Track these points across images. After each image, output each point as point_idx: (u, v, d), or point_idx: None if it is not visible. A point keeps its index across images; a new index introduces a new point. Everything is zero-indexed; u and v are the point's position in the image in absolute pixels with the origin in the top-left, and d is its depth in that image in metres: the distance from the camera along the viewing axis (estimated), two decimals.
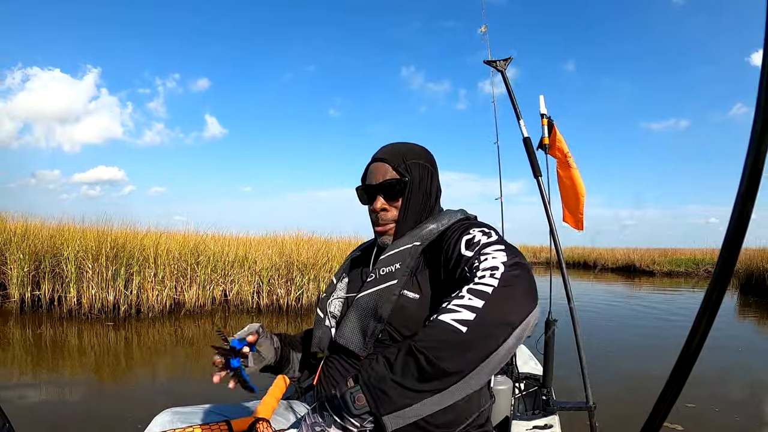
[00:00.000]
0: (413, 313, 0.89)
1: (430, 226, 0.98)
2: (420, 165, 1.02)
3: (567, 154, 2.35)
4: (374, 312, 0.91)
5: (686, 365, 0.44)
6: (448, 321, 0.64)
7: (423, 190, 1.01)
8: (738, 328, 6.59)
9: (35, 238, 6.49)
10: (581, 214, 2.38)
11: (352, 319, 0.94)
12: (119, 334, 5.24)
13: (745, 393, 3.46)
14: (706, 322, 0.39)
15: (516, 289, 0.67)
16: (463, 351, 0.62)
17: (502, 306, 0.65)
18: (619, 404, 3.06)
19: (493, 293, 0.66)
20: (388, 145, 1.05)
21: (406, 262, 0.93)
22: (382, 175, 1.00)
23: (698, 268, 17.99)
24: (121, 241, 6.49)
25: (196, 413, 0.98)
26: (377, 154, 1.03)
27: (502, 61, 2.34)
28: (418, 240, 0.96)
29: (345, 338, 0.93)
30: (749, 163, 0.32)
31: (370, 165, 1.04)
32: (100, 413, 2.84)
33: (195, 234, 8.04)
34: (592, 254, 22.33)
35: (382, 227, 1.01)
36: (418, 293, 0.90)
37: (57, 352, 4.42)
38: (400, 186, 0.99)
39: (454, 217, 1.00)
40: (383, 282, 0.93)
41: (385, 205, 1.00)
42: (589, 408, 1.81)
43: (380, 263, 0.96)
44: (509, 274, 0.70)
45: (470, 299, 0.66)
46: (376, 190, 1.01)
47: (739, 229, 0.32)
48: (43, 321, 5.69)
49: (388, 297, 0.90)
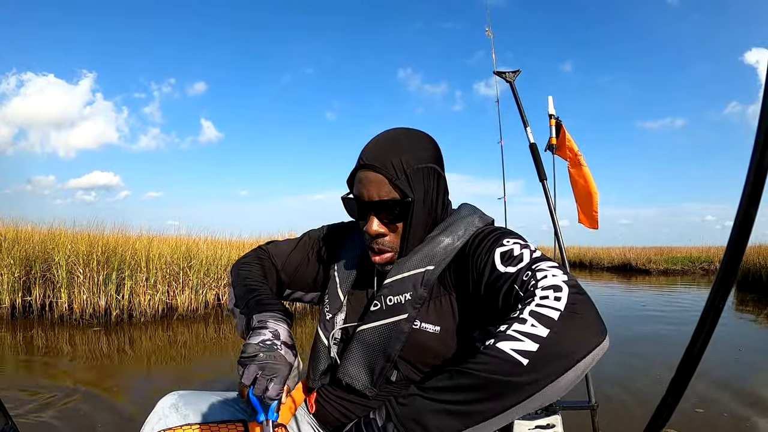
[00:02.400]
0: (434, 348, 0.78)
1: (444, 240, 0.81)
2: (426, 171, 0.81)
3: (577, 153, 2.37)
4: (382, 349, 0.79)
5: (690, 365, 0.41)
6: (508, 351, 0.55)
7: (429, 203, 0.82)
8: (739, 326, 6.59)
9: (26, 243, 6.40)
10: (595, 212, 2.39)
11: (356, 354, 0.82)
12: (111, 340, 5.17)
13: (749, 396, 3.42)
14: (710, 323, 0.37)
15: (585, 318, 0.58)
16: (518, 387, 0.54)
17: (569, 337, 0.56)
18: (623, 404, 3.03)
19: (560, 320, 0.56)
20: (382, 138, 0.82)
21: (419, 291, 0.79)
22: (377, 191, 0.78)
23: (694, 266, 18.08)
24: (112, 245, 6.43)
25: (203, 399, 0.89)
26: (367, 156, 0.80)
27: (511, 72, 2.41)
28: (431, 262, 0.80)
29: (350, 376, 0.82)
30: (753, 168, 0.29)
31: (359, 171, 0.81)
32: (95, 417, 2.78)
33: (187, 238, 7.97)
34: (587, 253, 22.42)
35: (378, 256, 0.83)
36: (437, 325, 0.78)
37: (49, 357, 4.35)
38: (400, 208, 0.79)
39: (471, 225, 0.83)
40: (391, 315, 0.80)
41: (381, 228, 0.81)
42: (592, 407, 1.81)
43: (386, 289, 0.81)
44: (574, 297, 0.60)
45: (534, 326, 0.56)
46: (368, 207, 0.81)
47: (743, 231, 0.31)
48: (34, 327, 5.61)
49: (397, 335, 0.79)
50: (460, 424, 0.55)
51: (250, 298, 0.85)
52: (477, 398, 0.55)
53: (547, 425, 1.56)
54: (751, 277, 10.78)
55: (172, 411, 0.85)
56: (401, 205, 0.78)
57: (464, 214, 0.86)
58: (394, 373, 0.81)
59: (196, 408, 0.86)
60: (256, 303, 0.82)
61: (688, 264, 18.37)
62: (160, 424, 0.84)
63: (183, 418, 0.84)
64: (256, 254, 1.03)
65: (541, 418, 1.62)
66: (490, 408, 0.55)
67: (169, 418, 0.84)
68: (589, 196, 2.39)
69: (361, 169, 0.80)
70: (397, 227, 0.81)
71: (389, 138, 0.82)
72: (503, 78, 2.41)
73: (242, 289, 0.89)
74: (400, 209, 0.79)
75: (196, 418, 0.84)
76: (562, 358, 0.55)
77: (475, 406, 0.55)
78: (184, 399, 0.88)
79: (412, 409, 0.57)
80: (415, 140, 0.83)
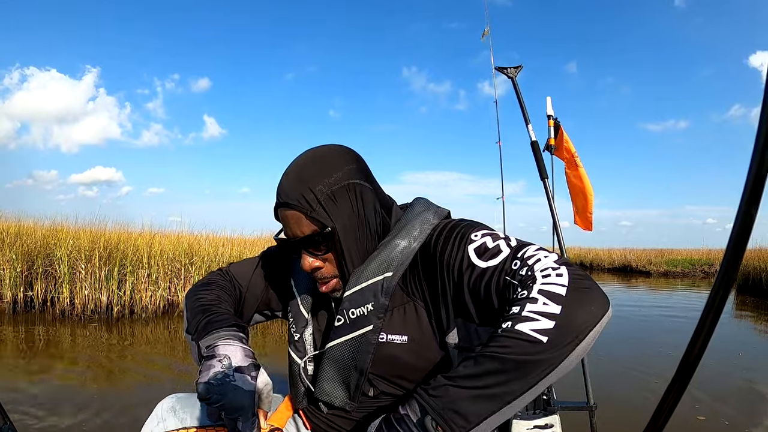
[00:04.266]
0: (404, 360, 0.77)
1: (400, 243, 0.78)
2: (342, 190, 0.76)
3: (574, 154, 2.38)
4: (353, 364, 0.78)
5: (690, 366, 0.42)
6: (527, 331, 0.57)
7: (360, 222, 0.78)
8: (739, 330, 6.58)
9: (28, 238, 6.42)
10: (590, 214, 2.39)
11: (328, 372, 0.81)
12: (112, 335, 5.18)
13: (749, 403, 3.42)
14: (710, 323, 0.38)
15: (591, 290, 0.61)
16: (542, 363, 0.57)
17: (580, 310, 0.59)
18: (621, 405, 3.04)
19: (568, 295, 0.59)
20: (291, 170, 0.78)
21: (380, 300, 0.76)
22: (297, 228, 0.76)
23: (695, 269, 18.05)
24: (114, 241, 6.44)
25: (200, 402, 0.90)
26: (281, 194, 0.77)
27: (513, 68, 2.40)
28: (388, 268, 0.77)
29: (327, 394, 0.81)
30: (753, 169, 0.30)
31: (278, 210, 0.78)
32: (96, 413, 2.79)
33: (189, 234, 7.98)
34: (588, 255, 22.39)
35: (324, 286, 0.80)
36: (404, 334, 0.77)
37: (50, 352, 4.36)
38: (324, 239, 0.76)
39: (426, 222, 0.80)
40: (356, 329, 0.78)
41: (315, 263, 0.78)
42: (590, 408, 1.82)
43: (346, 302, 0.78)
44: (574, 272, 0.63)
45: (546, 304, 0.58)
46: (296, 245, 0.78)
47: (743, 232, 0.31)
48: (35, 322, 5.62)
49: (365, 347, 0.77)
50: (495, 406, 0.58)
51: (199, 320, 0.81)
52: (507, 379, 0.57)
53: (546, 425, 1.56)
54: (751, 281, 10.77)
55: (169, 414, 0.86)
56: (323, 236, 0.75)
57: (417, 212, 0.83)
58: (370, 389, 0.80)
59: (194, 411, 0.86)
60: (204, 325, 0.79)
61: (689, 266, 18.33)
62: (159, 427, 0.85)
63: (180, 422, 0.85)
64: (214, 276, 0.98)
65: (539, 417, 1.63)
66: (519, 387, 0.57)
67: (167, 421, 0.85)
68: (584, 197, 2.39)
69: (279, 208, 0.78)
70: (330, 257, 0.78)
71: (296, 169, 0.78)
72: (505, 74, 2.39)
73: (193, 311, 0.85)
74: (325, 240, 0.76)
75: (194, 421, 0.85)
76: (576, 330, 0.58)
77: (506, 386, 0.57)
78: (181, 402, 0.88)
79: (447, 399, 0.58)
80: (323, 163, 0.77)
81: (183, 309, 0.90)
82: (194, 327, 0.81)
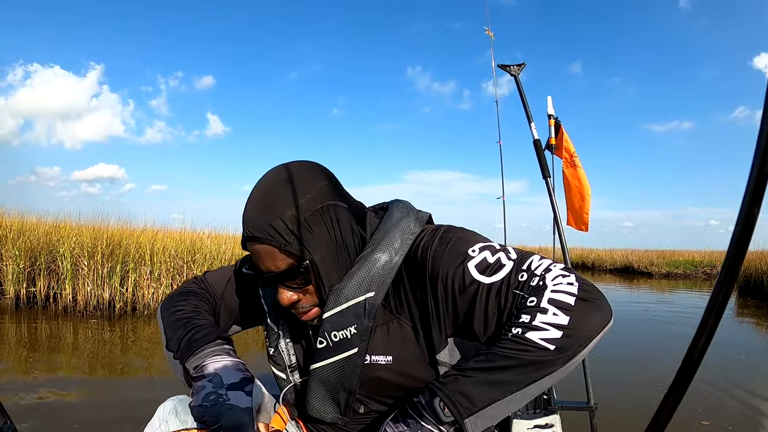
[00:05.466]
0: (390, 380, 0.76)
1: (381, 258, 0.73)
2: (316, 216, 0.71)
3: (573, 154, 2.38)
4: (341, 385, 0.77)
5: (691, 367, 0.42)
6: (537, 340, 0.62)
7: (338, 247, 0.73)
8: (741, 332, 6.57)
9: (31, 234, 6.43)
10: (587, 215, 2.39)
11: (317, 391, 0.79)
12: (114, 332, 5.20)
13: (753, 407, 3.41)
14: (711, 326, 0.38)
15: (597, 301, 0.65)
16: (547, 365, 0.62)
17: (586, 321, 0.63)
18: (621, 406, 3.04)
19: (576, 306, 0.63)
20: (256, 197, 0.72)
21: (363, 323, 0.73)
22: (271, 262, 0.70)
23: (696, 270, 18.01)
24: (117, 238, 6.46)
25: None
26: (248, 226, 0.71)
27: (516, 66, 2.40)
28: (370, 287, 0.72)
29: (318, 411, 0.80)
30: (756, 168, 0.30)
31: (247, 243, 0.72)
32: (98, 410, 2.80)
33: (191, 232, 8.00)
34: (590, 255, 22.36)
35: (305, 315, 0.75)
36: (389, 354, 0.75)
37: (53, 349, 4.38)
38: (302, 271, 0.71)
39: (407, 232, 0.76)
40: (339, 352, 0.75)
41: (293, 297, 0.73)
42: (591, 408, 1.82)
43: (327, 324, 0.74)
44: (581, 282, 0.66)
45: (555, 315, 0.62)
46: (271, 280, 0.73)
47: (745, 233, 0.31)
48: (38, 318, 5.64)
49: (352, 368, 0.75)
50: (499, 393, 0.63)
51: (180, 336, 0.77)
52: (513, 373, 0.62)
53: (546, 425, 1.56)
54: (752, 283, 10.74)
55: (171, 416, 0.85)
56: (301, 269, 0.70)
57: (396, 219, 0.78)
58: (361, 407, 0.80)
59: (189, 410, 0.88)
60: (186, 344, 0.76)
61: (691, 268, 18.28)
62: (161, 429, 0.85)
63: (182, 423, 0.85)
64: (190, 285, 0.93)
65: (539, 417, 1.63)
66: (523, 380, 0.62)
67: (169, 423, 0.85)
68: (581, 198, 2.39)
69: (248, 241, 0.72)
70: (308, 288, 0.73)
71: (262, 197, 0.71)
72: (508, 71, 2.39)
73: (171, 327, 0.80)
74: (303, 273, 0.71)
75: (195, 423, 0.86)
76: (580, 339, 0.62)
77: (512, 378, 0.62)
78: (183, 404, 0.87)
79: (455, 385, 0.64)
80: (291, 185, 0.71)
81: (158, 322, 0.85)
82: (175, 344, 0.77)
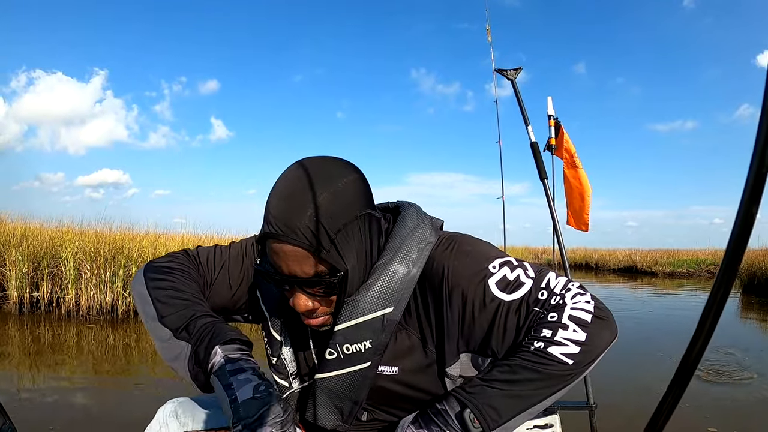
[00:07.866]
0: (393, 390, 0.76)
1: (399, 270, 0.70)
2: (354, 224, 0.67)
3: (574, 155, 2.39)
4: (347, 395, 0.75)
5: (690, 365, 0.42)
6: (558, 355, 0.66)
7: (366, 257, 0.70)
8: (743, 332, 6.54)
9: (34, 239, 6.46)
10: (587, 215, 2.40)
11: (321, 400, 0.78)
12: (117, 336, 5.21)
13: (757, 410, 3.38)
14: (710, 325, 0.38)
15: (607, 319, 0.71)
16: (564, 378, 0.67)
17: (599, 338, 0.68)
18: (621, 406, 3.02)
19: (592, 323, 0.68)
20: (290, 191, 0.64)
21: (380, 339, 0.71)
22: (299, 267, 0.64)
23: (700, 269, 17.95)
24: (119, 242, 6.48)
25: (201, 406, 0.88)
26: (277, 222, 0.63)
27: (512, 70, 2.42)
28: (388, 302, 0.70)
29: (320, 419, 0.79)
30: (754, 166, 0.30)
31: (270, 242, 0.65)
32: (100, 413, 2.81)
33: (194, 236, 8.02)
34: (593, 255, 22.30)
35: (313, 320, 0.70)
36: (394, 365, 0.74)
37: (56, 353, 4.39)
38: (333, 282, 0.65)
39: (423, 242, 0.73)
40: (351, 365, 0.72)
41: (310, 304, 0.67)
42: (590, 408, 1.82)
43: (340, 336, 0.71)
44: (596, 301, 0.72)
45: (575, 331, 0.67)
46: (291, 282, 0.66)
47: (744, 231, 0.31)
48: (41, 322, 5.66)
49: (362, 381, 0.73)
50: (523, 405, 0.67)
51: (192, 316, 0.71)
52: (535, 386, 0.67)
53: (546, 425, 1.56)
54: (756, 281, 10.69)
55: (171, 418, 0.86)
56: (333, 280, 0.65)
57: (411, 227, 0.74)
58: (363, 414, 0.80)
59: (195, 415, 0.87)
60: (208, 327, 0.69)
61: (694, 267, 18.22)
62: (161, 431, 0.86)
63: (182, 426, 0.85)
64: (181, 261, 0.84)
65: (539, 417, 1.63)
66: (544, 393, 0.67)
67: (169, 425, 0.85)
68: (582, 198, 2.40)
69: (272, 239, 0.64)
70: (330, 300, 0.69)
71: (299, 192, 0.64)
72: (504, 76, 2.40)
73: (173, 301, 0.73)
74: (332, 283, 0.65)
75: (196, 425, 0.85)
76: (593, 354, 0.68)
77: (535, 391, 0.67)
78: (183, 406, 0.88)
79: (484, 396, 0.66)
80: (332, 185, 0.65)
81: (140, 289, 0.77)
82: (182, 322, 0.70)
